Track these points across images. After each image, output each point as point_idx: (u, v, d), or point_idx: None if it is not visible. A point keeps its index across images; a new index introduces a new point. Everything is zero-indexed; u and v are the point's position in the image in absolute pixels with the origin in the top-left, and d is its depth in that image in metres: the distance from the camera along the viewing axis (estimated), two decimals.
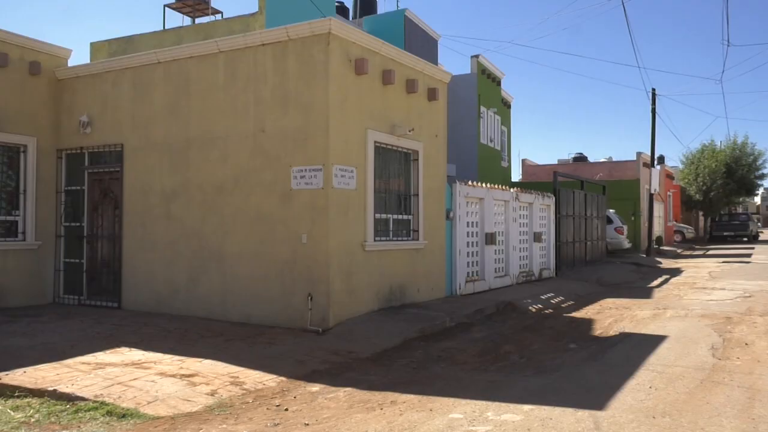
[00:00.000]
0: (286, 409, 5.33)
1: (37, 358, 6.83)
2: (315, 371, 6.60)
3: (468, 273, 12.57)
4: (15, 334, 8.14)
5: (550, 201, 16.51)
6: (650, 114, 26.83)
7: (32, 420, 5.13)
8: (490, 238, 13.24)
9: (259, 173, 9.19)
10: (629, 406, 5.39)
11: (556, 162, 37.73)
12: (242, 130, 9.36)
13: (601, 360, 7.34)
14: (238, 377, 6.27)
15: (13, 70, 10.52)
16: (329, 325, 8.54)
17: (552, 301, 12.44)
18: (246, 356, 7.09)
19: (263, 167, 9.16)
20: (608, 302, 12.51)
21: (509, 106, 24.91)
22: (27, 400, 5.58)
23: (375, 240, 9.62)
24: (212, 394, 5.73)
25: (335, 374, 6.54)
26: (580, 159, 34.59)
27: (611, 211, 23.94)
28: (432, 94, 11.04)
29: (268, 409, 5.36)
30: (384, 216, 10.02)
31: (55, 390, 5.68)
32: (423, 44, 16.92)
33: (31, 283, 10.80)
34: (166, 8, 16.27)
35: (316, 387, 6.04)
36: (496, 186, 14.03)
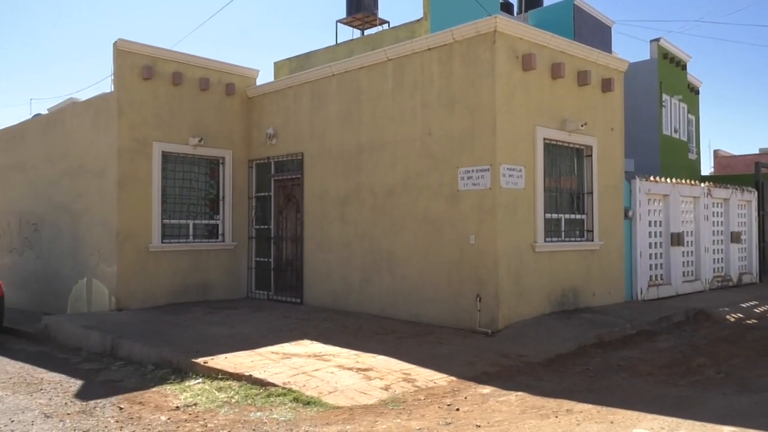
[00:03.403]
0: (458, 409, 5.35)
1: (235, 345, 7.68)
2: (485, 373, 6.54)
3: (651, 276, 11.54)
4: (217, 324, 9.25)
5: (751, 196, 14.51)
6: None
7: (233, 401, 5.77)
8: (676, 239, 12.02)
9: (426, 176, 9.37)
10: None
11: (757, 151, 33.04)
12: (409, 134, 9.62)
13: None
14: (409, 374, 6.43)
15: (213, 92, 11.99)
16: (498, 327, 8.40)
17: (755, 310, 10.91)
18: (416, 354, 7.25)
19: (430, 169, 9.32)
20: None
21: (697, 92, 22.40)
22: (228, 382, 6.30)
23: (545, 241, 9.26)
24: (386, 389, 5.95)
25: (506, 377, 6.41)
26: None
27: None
28: (606, 85, 10.34)
29: (439, 407, 5.42)
30: (555, 216, 9.61)
31: (250, 375, 6.34)
32: (595, 33, 15.93)
33: (229, 279, 12.18)
34: (338, 23, 17.34)
35: (486, 389, 5.98)
36: (682, 181, 12.71)
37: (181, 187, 11.65)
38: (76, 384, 6.71)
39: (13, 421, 5.39)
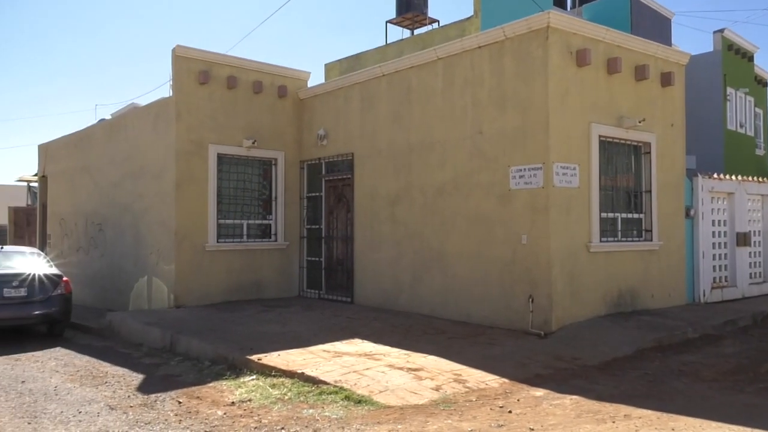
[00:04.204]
0: (510, 412, 5.26)
1: (287, 343, 7.81)
2: (538, 375, 6.41)
3: (714, 278, 11.04)
4: (270, 322, 9.43)
5: None
6: None
7: (286, 397, 5.88)
8: (742, 239, 11.45)
9: (477, 175, 9.27)
10: None
11: None
12: (460, 133, 9.54)
13: None
14: (460, 375, 6.38)
15: (266, 95, 12.24)
16: (551, 329, 8.23)
17: None
18: (467, 355, 7.18)
19: (481, 168, 9.22)
20: None
21: (765, 85, 21.26)
22: (281, 379, 6.42)
23: (601, 241, 9.01)
24: (437, 389, 5.92)
25: (560, 380, 6.27)
26: None
27: None
28: (666, 79, 9.97)
29: (491, 409, 5.35)
30: (611, 215, 9.34)
31: (302, 373, 6.43)
32: (653, 25, 15.36)
33: (281, 278, 12.41)
34: (388, 24, 17.39)
35: (539, 392, 5.86)
36: (749, 178, 12.10)
37: (236, 188, 11.94)
38: (137, 378, 6.99)
39: (80, 412, 5.66)
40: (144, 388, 6.50)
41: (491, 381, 6.19)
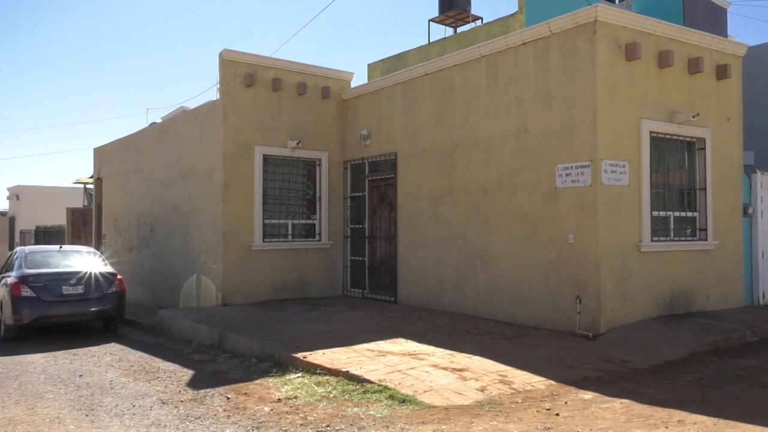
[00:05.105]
0: (557, 414, 5.16)
1: (332, 342, 7.88)
2: (586, 378, 6.26)
3: None
4: (315, 321, 9.53)
5: None
6: None
7: (331, 395, 5.93)
8: None
9: (522, 173, 9.13)
10: None
11: None
12: (504, 131, 9.42)
13: None
14: (506, 376, 6.29)
15: (310, 96, 12.38)
16: (600, 331, 8.02)
17: None
18: (512, 356, 7.08)
19: (526, 167, 9.07)
20: None
21: None
22: (326, 377, 6.48)
23: (652, 240, 8.73)
24: (482, 390, 5.86)
25: (609, 383, 6.10)
26: None
27: None
28: (721, 72, 9.57)
29: (537, 411, 5.26)
30: (662, 214, 9.04)
31: (347, 371, 6.47)
32: (707, 16, 14.77)
33: (325, 277, 12.53)
34: (431, 22, 17.30)
35: (588, 395, 5.73)
36: None
37: (281, 189, 12.13)
38: (187, 374, 7.19)
39: (134, 406, 5.86)
40: (194, 384, 6.68)
41: (537, 383, 6.09)
